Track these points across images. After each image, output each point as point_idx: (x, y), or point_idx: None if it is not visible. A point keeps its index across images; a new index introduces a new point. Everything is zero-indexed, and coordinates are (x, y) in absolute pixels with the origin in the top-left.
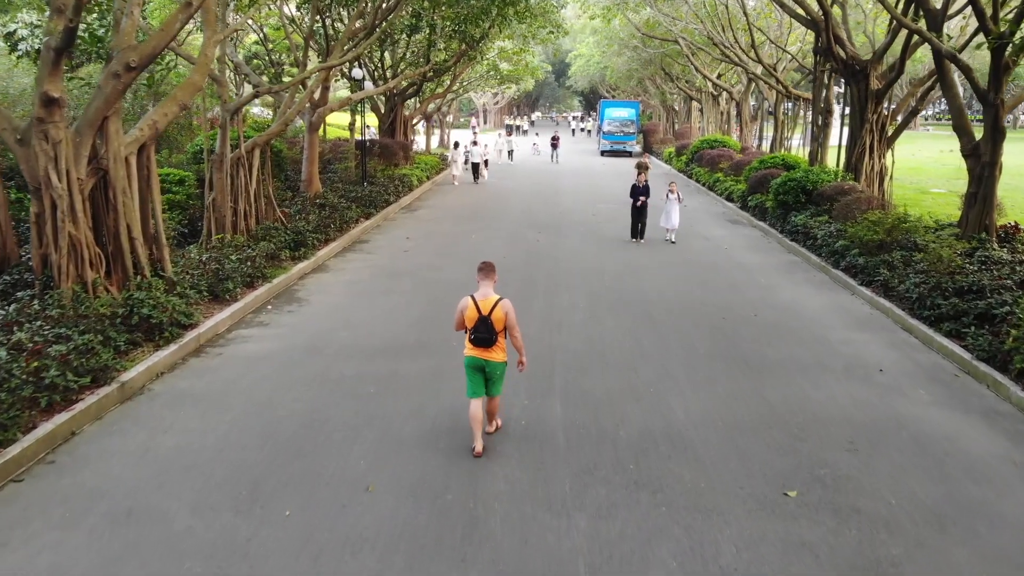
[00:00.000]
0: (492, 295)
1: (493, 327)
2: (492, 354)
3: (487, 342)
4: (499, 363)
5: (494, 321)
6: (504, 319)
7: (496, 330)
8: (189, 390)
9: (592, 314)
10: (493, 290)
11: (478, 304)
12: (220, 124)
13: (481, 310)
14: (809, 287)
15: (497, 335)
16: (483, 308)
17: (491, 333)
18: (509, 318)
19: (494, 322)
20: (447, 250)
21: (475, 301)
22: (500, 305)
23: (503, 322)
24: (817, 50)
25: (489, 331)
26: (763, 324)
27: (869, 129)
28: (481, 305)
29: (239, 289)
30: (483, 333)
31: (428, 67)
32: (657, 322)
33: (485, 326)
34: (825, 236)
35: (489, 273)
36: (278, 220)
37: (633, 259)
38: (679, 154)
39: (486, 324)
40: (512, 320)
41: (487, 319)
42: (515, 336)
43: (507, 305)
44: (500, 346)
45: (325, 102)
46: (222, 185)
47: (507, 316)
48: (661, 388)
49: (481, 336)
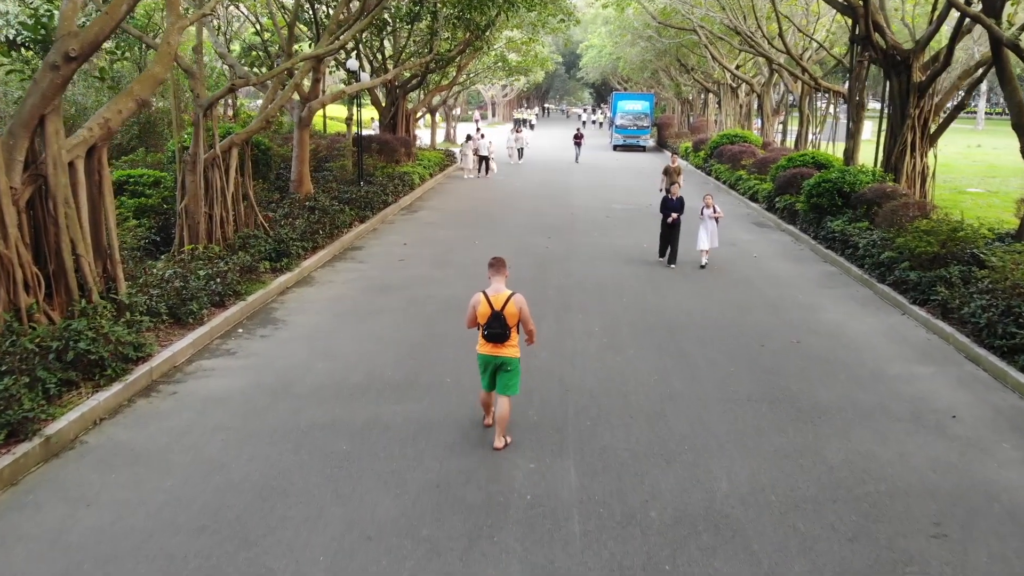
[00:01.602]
0: (504, 290)
1: (506, 322)
2: (505, 350)
3: (501, 338)
4: (512, 358)
5: (507, 316)
6: (518, 314)
7: (510, 325)
8: (128, 443)
9: (610, 341)
10: (505, 285)
11: (490, 300)
12: (193, 121)
13: (494, 305)
14: (854, 305)
15: (511, 330)
16: (496, 303)
17: (504, 328)
18: (523, 312)
19: (507, 317)
20: (446, 259)
21: (487, 297)
22: (513, 300)
23: (517, 317)
24: (854, 38)
25: (503, 327)
26: (808, 353)
27: (911, 125)
28: (493, 300)
29: (206, 310)
30: (496, 329)
31: (430, 57)
32: (686, 352)
33: (498, 322)
34: (868, 246)
35: (500, 268)
36: (260, 226)
37: (653, 270)
38: (696, 149)
39: (499, 320)
40: (526, 314)
41: (500, 314)
42: (529, 330)
43: (520, 299)
44: (514, 341)
45: (317, 95)
46: (195, 189)
47: (521, 311)
48: (697, 444)
49: (495, 332)
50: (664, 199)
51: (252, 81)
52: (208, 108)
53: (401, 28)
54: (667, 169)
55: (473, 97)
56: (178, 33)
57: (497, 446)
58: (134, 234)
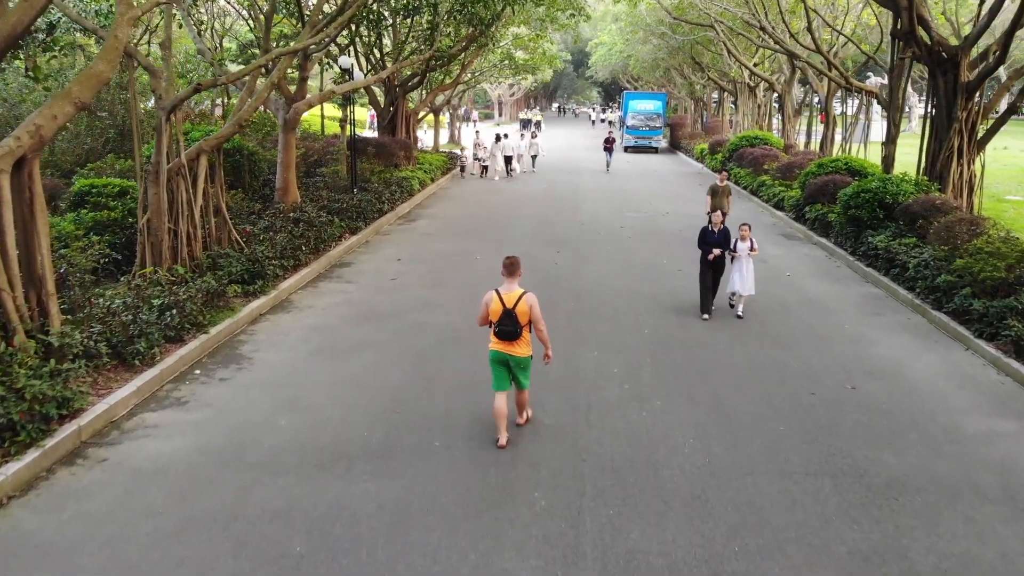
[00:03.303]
0: (517, 288)
1: (518, 320)
2: (516, 348)
3: (512, 335)
4: (524, 357)
5: (519, 314)
6: (529, 312)
7: (521, 324)
8: (32, 536)
9: (632, 387)
10: (518, 284)
11: (502, 297)
12: (155, 126)
13: (506, 303)
14: (908, 338)
15: (522, 328)
16: (508, 301)
17: (516, 327)
18: (534, 311)
19: (518, 315)
20: (444, 278)
21: (499, 295)
22: (525, 298)
23: (528, 316)
24: (895, 33)
25: (514, 324)
26: (867, 403)
27: (958, 129)
28: (506, 299)
29: (158, 348)
30: (508, 327)
31: (430, 53)
32: (723, 402)
33: (510, 319)
34: (919, 266)
35: (514, 269)
36: (234, 243)
37: (677, 291)
38: (713, 152)
39: (511, 317)
40: (537, 313)
41: (512, 312)
42: (540, 329)
43: (532, 299)
44: (525, 339)
45: (303, 96)
46: (158, 202)
47: (532, 309)
48: (750, 545)
49: (506, 329)
50: (703, 230)
51: (221, 81)
52: (172, 111)
53: (401, 24)
54: (714, 189)
55: (480, 96)
56: (128, 25)
57: (520, 422)
58: (89, 254)
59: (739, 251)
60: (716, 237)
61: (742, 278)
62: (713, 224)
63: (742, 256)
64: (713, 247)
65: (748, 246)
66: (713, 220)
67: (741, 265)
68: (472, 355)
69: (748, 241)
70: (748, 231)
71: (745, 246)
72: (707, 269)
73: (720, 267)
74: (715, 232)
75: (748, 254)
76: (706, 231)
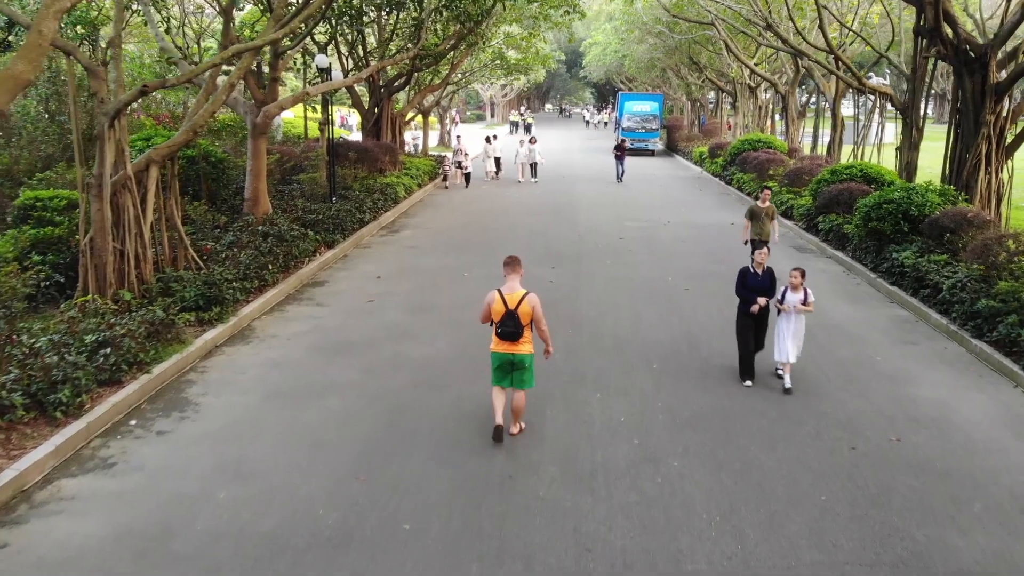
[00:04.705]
0: (519, 288)
1: (520, 321)
2: (519, 347)
3: (514, 336)
4: (526, 355)
5: (521, 315)
6: (531, 313)
7: (523, 324)
8: None
9: (643, 444)
10: (520, 283)
11: (505, 298)
12: (97, 134)
13: (508, 304)
14: (951, 373)
15: (524, 328)
16: (510, 302)
17: (518, 327)
18: (536, 312)
19: (521, 316)
20: (427, 300)
21: (502, 295)
22: (527, 299)
23: (530, 316)
24: (919, 30)
25: (516, 325)
26: (918, 462)
27: (986, 135)
28: (508, 299)
29: (87, 395)
30: (510, 327)
31: (414, 50)
32: (751, 462)
33: (512, 320)
34: (954, 288)
35: (516, 267)
36: (192, 262)
37: (685, 313)
38: (713, 156)
39: (513, 318)
40: (539, 314)
41: (514, 313)
42: (542, 329)
43: (534, 299)
44: (527, 338)
45: (275, 98)
46: (101, 219)
47: (534, 310)
48: None
49: (508, 330)
50: (743, 273)
51: (170, 82)
52: (116, 116)
53: (388, 20)
54: (754, 212)
55: (472, 97)
56: (54, 19)
57: (513, 432)
58: (26, 277)
59: (788, 304)
60: (761, 282)
61: (792, 337)
62: (756, 264)
63: (791, 311)
64: (757, 295)
65: (801, 298)
66: (756, 259)
67: (790, 323)
68: (454, 401)
69: (801, 292)
70: (801, 278)
71: (796, 298)
72: (748, 323)
73: (764, 320)
74: (759, 275)
75: (797, 308)
76: (747, 274)
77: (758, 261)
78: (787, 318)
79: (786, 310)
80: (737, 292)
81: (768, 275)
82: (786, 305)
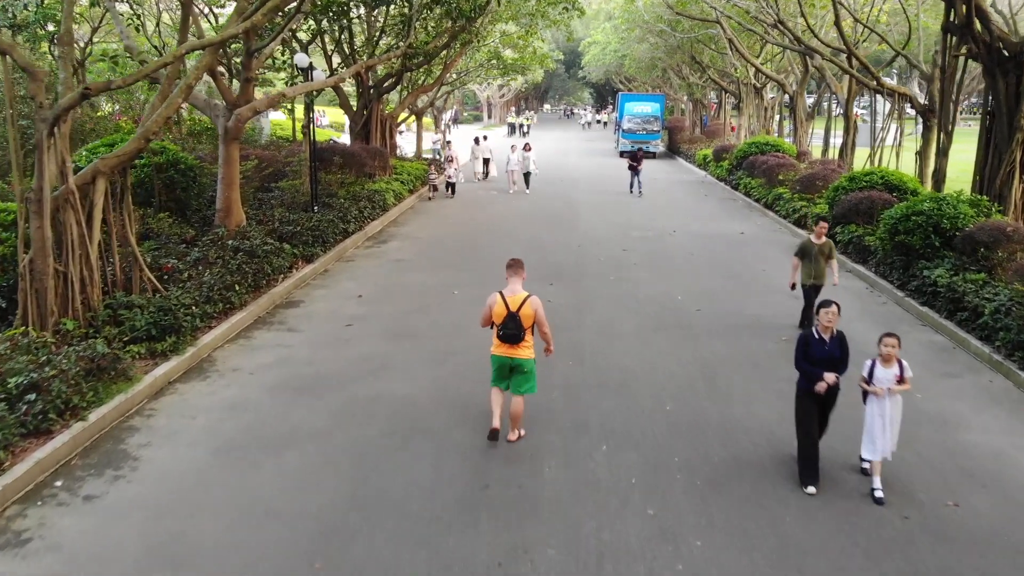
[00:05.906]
0: (521, 291)
1: (521, 323)
2: (520, 351)
3: (515, 339)
4: (527, 359)
5: (523, 318)
6: (533, 316)
7: (524, 327)
8: None
9: (659, 512)
10: (522, 286)
11: (507, 300)
12: (36, 142)
13: (510, 306)
14: (1002, 415)
15: (525, 331)
16: (512, 304)
17: (520, 330)
18: (538, 315)
19: (523, 319)
20: (411, 324)
21: (504, 297)
22: (529, 302)
23: (532, 319)
24: (948, 27)
25: (518, 327)
26: (983, 535)
27: (1020, 140)
28: (510, 301)
29: (3, 453)
30: (511, 330)
31: (403, 48)
32: (788, 539)
33: (514, 322)
34: (997, 312)
35: (518, 269)
36: (147, 284)
37: (700, 337)
38: (718, 159)
39: (515, 321)
40: (541, 316)
41: (516, 315)
42: (544, 331)
43: (536, 302)
44: (528, 342)
45: (249, 100)
46: (41, 239)
47: (536, 313)
48: None
49: (509, 332)
50: (803, 339)
51: (116, 84)
52: (56, 123)
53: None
54: (805, 248)
55: (468, 98)
56: None
57: (511, 439)
58: None
59: (879, 382)
60: (829, 351)
61: (887, 427)
62: (822, 327)
63: (885, 394)
64: (825, 370)
65: (896, 373)
66: (822, 321)
67: (884, 408)
68: (436, 454)
69: (895, 365)
70: (896, 347)
71: (891, 374)
72: (812, 407)
73: (831, 402)
74: (826, 342)
75: (892, 387)
76: (810, 340)
77: (824, 324)
78: (878, 402)
79: (878, 393)
80: (797, 365)
81: (838, 342)
82: (877, 387)
